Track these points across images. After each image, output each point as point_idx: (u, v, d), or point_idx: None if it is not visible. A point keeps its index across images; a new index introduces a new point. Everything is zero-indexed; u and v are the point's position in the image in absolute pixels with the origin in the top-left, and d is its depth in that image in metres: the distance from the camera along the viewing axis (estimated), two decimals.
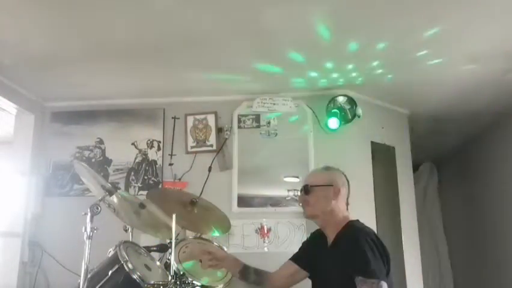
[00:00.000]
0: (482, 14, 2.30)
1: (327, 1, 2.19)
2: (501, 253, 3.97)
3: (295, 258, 2.12)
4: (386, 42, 2.60)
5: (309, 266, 2.05)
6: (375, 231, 3.07)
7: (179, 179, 3.30)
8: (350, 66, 2.91)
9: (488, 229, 4.23)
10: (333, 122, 3.14)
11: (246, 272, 2.13)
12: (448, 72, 3.00)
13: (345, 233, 1.85)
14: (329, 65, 2.89)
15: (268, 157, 3.29)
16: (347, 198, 1.99)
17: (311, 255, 2.05)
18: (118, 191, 2.28)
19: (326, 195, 1.93)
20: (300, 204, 2.03)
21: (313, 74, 3.04)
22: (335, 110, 3.15)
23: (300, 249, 2.17)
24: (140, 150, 3.42)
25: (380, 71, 2.96)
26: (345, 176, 2.04)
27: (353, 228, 1.86)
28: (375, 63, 2.86)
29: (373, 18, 2.35)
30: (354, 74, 3.03)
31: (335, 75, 3.04)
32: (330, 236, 1.92)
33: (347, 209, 1.99)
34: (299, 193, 2.04)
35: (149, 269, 2.18)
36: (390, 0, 2.19)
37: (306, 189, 1.96)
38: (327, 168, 2.06)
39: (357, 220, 1.95)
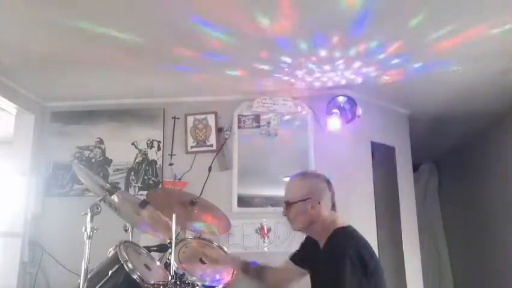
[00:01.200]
0: (482, 14, 2.30)
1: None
2: (501, 253, 3.97)
3: (292, 257, 2.13)
4: (386, 43, 2.60)
5: (305, 264, 2.05)
6: (375, 231, 3.13)
7: (179, 179, 3.30)
8: (350, 66, 2.92)
9: (488, 229, 4.23)
10: (333, 122, 3.14)
11: (246, 267, 2.18)
12: (447, 72, 3.00)
13: (329, 245, 1.81)
14: (329, 64, 2.89)
15: (268, 157, 3.29)
16: (332, 199, 1.93)
17: (307, 254, 2.04)
18: (118, 190, 2.27)
19: (304, 210, 1.88)
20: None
21: (313, 74, 3.04)
22: (335, 110, 3.15)
23: (298, 248, 2.16)
24: (140, 150, 3.42)
25: (380, 71, 2.96)
26: (325, 178, 1.95)
27: (334, 242, 1.80)
28: (374, 63, 2.86)
29: (373, 18, 2.35)
30: (354, 74, 3.03)
31: (335, 75, 3.04)
32: (320, 241, 1.90)
33: (335, 210, 1.93)
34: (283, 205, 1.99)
35: (149, 269, 2.18)
36: (391, 1, 2.19)
37: (287, 205, 1.93)
38: (303, 178, 1.99)
39: (345, 228, 1.86)
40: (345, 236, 1.83)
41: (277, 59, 2.80)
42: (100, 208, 1.91)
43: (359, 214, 3.01)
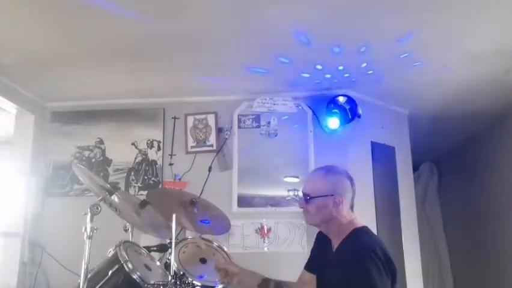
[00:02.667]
0: (482, 14, 2.30)
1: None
2: (501, 253, 3.97)
3: (306, 266, 2.04)
4: (386, 43, 2.60)
5: (317, 270, 1.97)
6: (375, 231, 3.13)
7: (180, 179, 3.30)
8: (350, 66, 2.92)
9: (488, 229, 4.23)
10: (333, 122, 3.14)
11: (265, 285, 2.00)
12: (447, 72, 3.00)
13: (350, 245, 1.75)
14: (329, 64, 2.89)
15: (268, 157, 3.29)
16: (352, 200, 1.88)
17: (318, 258, 1.98)
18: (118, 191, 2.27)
19: (325, 205, 1.81)
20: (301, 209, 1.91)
21: (314, 74, 3.04)
22: (335, 110, 3.15)
23: (310, 255, 2.07)
24: (140, 150, 3.42)
25: (380, 71, 2.96)
26: (349, 177, 1.89)
27: (358, 241, 1.75)
28: (375, 63, 2.86)
29: (373, 17, 2.35)
30: (354, 74, 3.03)
31: (335, 75, 3.04)
32: (334, 241, 1.85)
33: (352, 210, 1.88)
34: (300, 197, 1.95)
35: (149, 269, 2.18)
36: (392, 0, 2.19)
37: (306, 199, 1.85)
38: (329, 172, 1.90)
39: (364, 227, 1.84)
40: (367, 235, 1.81)
41: (277, 58, 2.80)
42: (100, 208, 1.91)
43: (359, 214, 2.97)
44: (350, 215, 1.85)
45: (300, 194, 1.92)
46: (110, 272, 2.00)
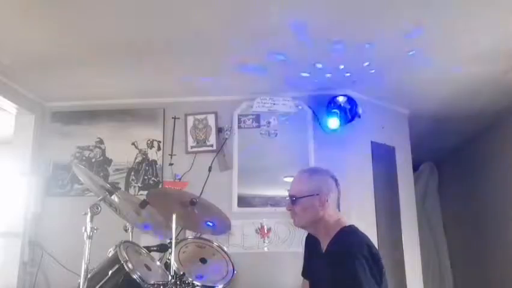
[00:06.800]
0: (482, 13, 2.30)
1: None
2: (501, 252, 3.97)
3: (302, 273, 2.06)
4: (386, 42, 2.60)
5: (310, 275, 2.00)
6: (375, 231, 3.14)
7: (180, 179, 3.30)
8: (350, 66, 2.91)
9: (489, 229, 4.23)
10: (333, 122, 3.14)
11: None
12: (447, 72, 3.00)
13: (337, 246, 1.76)
14: (329, 64, 2.89)
15: (268, 157, 3.29)
16: (338, 200, 1.91)
17: (310, 263, 2.00)
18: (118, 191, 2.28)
19: (312, 205, 1.84)
20: (289, 212, 1.94)
21: (314, 74, 3.04)
22: (335, 110, 3.15)
23: (303, 262, 2.09)
24: (140, 150, 3.42)
25: (379, 71, 2.96)
26: (334, 177, 1.92)
27: (345, 242, 1.76)
28: (375, 63, 2.86)
29: (374, 17, 2.35)
30: (354, 74, 3.03)
31: (335, 75, 3.04)
32: (323, 242, 1.86)
33: (339, 210, 1.91)
34: (287, 199, 1.94)
35: (149, 269, 2.18)
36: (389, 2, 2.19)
37: (292, 200, 1.89)
38: (313, 173, 1.95)
39: (351, 226, 1.85)
40: (353, 234, 1.82)
41: (277, 58, 2.80)
42: (100, 208, 1.92)
43: (359, 214, 3.01)
44: (337, 215, 1.88)
45: (287, 196, 1.93)
46: (110, 272, 2.00)
